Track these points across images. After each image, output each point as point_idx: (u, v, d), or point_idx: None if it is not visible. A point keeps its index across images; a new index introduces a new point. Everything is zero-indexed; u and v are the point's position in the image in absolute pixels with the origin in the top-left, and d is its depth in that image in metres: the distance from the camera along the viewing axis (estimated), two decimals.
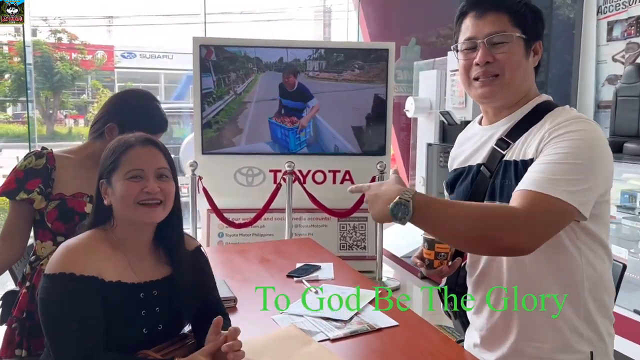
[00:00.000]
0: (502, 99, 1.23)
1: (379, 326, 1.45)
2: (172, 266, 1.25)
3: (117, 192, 1.17)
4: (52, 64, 11.39)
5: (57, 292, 1.10)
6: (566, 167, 1.04)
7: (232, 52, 3.99)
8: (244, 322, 1.46)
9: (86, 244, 1.17)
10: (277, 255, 2.14)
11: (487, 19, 1.19)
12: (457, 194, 1.32)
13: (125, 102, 1.69)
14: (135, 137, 1.22)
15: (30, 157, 1.59)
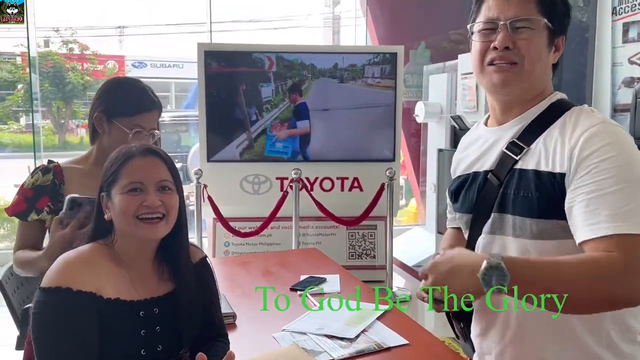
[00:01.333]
0: (518, 90, 1.10)
1: (387, 345, 1.35)
2: (176, 282, 1.17)
3: (116, 207, 1.10)
4: (63, 74, 11.50)
5: (52, 307, 1.03)
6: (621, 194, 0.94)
7: (290, 60, 3.96)
8: (243, 340, 1.39)
9: (85, 257, 1.09)
10: (281, 267, 2.05)
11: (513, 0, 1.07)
12: (462, 204, 1.20)
13: (104, 89, 1.61)
14: (136, 147, 1.15)
15: (37, 174, 1.52)
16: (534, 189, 1.03)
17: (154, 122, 1.59)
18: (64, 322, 1.02)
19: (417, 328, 1.48)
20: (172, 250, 1.18)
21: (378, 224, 4.14)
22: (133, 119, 1.54)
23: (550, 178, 1.02)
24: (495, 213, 1.10)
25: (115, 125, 1.54)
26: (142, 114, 1.55)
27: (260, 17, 12.98)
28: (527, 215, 1.04)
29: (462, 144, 1.30)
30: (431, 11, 5.71)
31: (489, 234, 1.12)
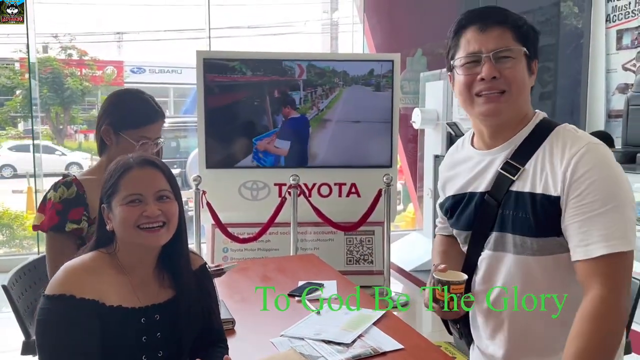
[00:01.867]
0: (506, 117, 1.17)
1: (383, 350, 1.38)
2: (176, 289, 1.20)
3: (117, 218, 1.13)
4: (62, 79, 11.53)
5: (56, 314, 1.06)
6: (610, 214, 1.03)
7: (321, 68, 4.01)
8: (241, 345, 1.42)
9: (88, 265, 1.13)
10: (279, 273, 2.08)
11: (491, 33, 1.14)
12: (459, 222, 1.27)
13: (109, 103, 1.66)
14: (133, 159, 1.18)
15: (60, 188, 1.56)
16: (530, 211, 1.11)
17: (159, 131, 1.65)
18: (67, 328, 1.05)
19: (413, 333, 1.51)
20: (172, 257, 1.21)
21: (375, 229, 4.18)
22: (139, 130, 1.60)
23: (545, 200, 1.10)
24: (496, 232, 1.17)
25: (122, 137, 1.60)
26: (148, 126, 1.61)
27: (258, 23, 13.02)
28: (527, 235, 1.12)
29: (448, 162, 1.35)
30: (427, 18, 5.77)
31: (493, 251, 1.19)
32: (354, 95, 4.07)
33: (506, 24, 1.15)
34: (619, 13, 5.22)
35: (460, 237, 1.29)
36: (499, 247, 1.18)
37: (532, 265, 1.13)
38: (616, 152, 2.92)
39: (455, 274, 1.21)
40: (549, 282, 1.13)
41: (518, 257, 1.15)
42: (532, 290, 1.16)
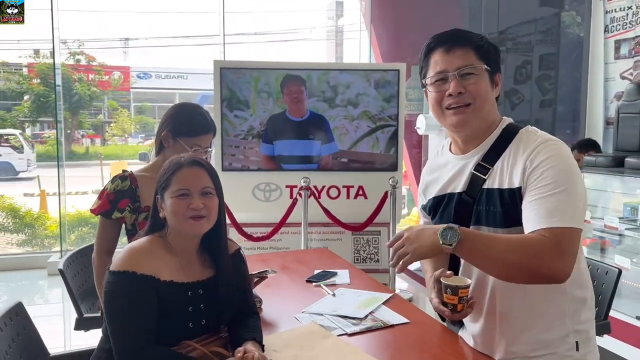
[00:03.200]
0: (473, 126, 1.33)
1: (391, 323, 1.60)
2: (216, 269, 1.42)
3: (168, 208, 1.35)
4: (70, 85, 11.73)
5: (120, 287, 1.27)
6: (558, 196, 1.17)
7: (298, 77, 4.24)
8: (269, 320, 1.64)
9: (146, 247, 1.35)
10: (297, 263, 2.30)
11: (455, 53, 1.30)
12: (441, 220, 1.42)
13: (172, 113, 1.92)
14: (185, 159, 1.40)
15: (117, 181, 1.83)
16: (499, 205, 1.28)
17: (209, 141, 1.92)
18: (130, 299, 1.27)
19: (417, 311, 1.73)
20: (213, 242, 1.43)
21: (382, 229, 4.38)
22: (193, 139, 1.86)
23: (511, 194, 1.26)
24: (473, 226, 1.33)
25: (179, 143, 1.86)
26: (201, 136, 1.87)
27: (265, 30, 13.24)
28: (498, 226, 1.29)
29: (430, 167, 1.53)
30: (432, 27, 5.96)
31: None
32: (363, 102, 4.29)
33: (468, 44, 1.31)
34: (617, 24, 5.40)
35: None
36: None
37: None
38: (606, 156, 3.12)
39: (460, 279, 1.34)
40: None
41: None
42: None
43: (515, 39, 6.02)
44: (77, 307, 1.79)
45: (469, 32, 1.35)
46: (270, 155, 4.28)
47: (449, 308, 1.34)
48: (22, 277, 4.95)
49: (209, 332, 1.39)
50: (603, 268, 1.95)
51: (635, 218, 2.95)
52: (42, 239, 5.98)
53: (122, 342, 1.24)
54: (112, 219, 1.79)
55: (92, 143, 14.49)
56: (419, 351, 1.45)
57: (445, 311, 1.34)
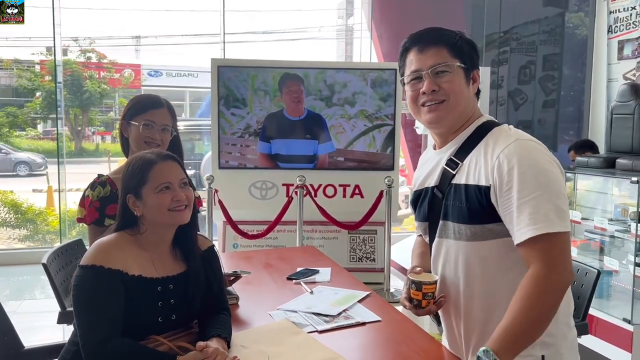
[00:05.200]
0: (448, 122, 1.35)
1: (363, 321, 1.61)
2: (187, 264, 1.44)
3: (150, 204, 1.36)
4: (81, 82, 11.83)
5: (88, 281, 1.30)
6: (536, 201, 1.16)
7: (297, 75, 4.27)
8: (244, 317, 1.66)
9: (115, 242, 1.37)
10: (280, 260, 2.32)
11: (428, 52, 1.32)
12: (419, 215, 1.45)
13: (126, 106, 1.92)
14: (154, 154, 1.42)
15: (97, 188, 1.81)
16: (464, 200, 1.28)
17: (165, 119, 1.87)
18: (97, 292, 1.29)
19: (391, 309, 1.74)
20: (185, 237, 1.45)
21: (378, 229, 4.39)
22: (144, 115, 1.85)
23: (476, 190, 1.25)
24: (441, 221, 1.34)
25: (132, 124, 1.85)
26: (151, 111, 1.85)
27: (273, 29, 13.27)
28: (462, 222, 1.29)
29: (419, 164, 1.55)
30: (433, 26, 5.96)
31: (438, 237, 1.37)
32: (360, 101, 4.30)
33: (441, 43, 1.32)
34: (621, 24, 5.37)
35: (421, 228, 1.46)
36: (442, 234, 1.35)
37: (468, 251, 1.29)
38: (597, 157, 3.10)
39: (428, 276, 1.36)
40: (484, 267, 1.27)
41: (457, 243, 1.31)
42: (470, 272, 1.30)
43: (519, 39, 5.99)
44: (60, 301, 1.82)
45: (443, 30, 1.36)
46: (267, 153, 4.31)
47: (414, 304, 1.35)
48: (24, 271, 5.02)
49: (179, 327, 1.41)
50: (583, 269, 1.94)
51: (625, 219, 2.94)
52: (44, 235, 6.06)
53: (87, 335, 1.27)
54: (105, 226, 1.76)
55: (103, 140, 14.61)
56: (385, 349, 1.46)
57: (408, 305, 1.36)
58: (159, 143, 1.83)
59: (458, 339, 1.40)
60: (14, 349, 1.50)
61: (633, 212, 2.79)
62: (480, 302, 1.32)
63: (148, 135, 1.82)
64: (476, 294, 1.31)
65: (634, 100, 2.89)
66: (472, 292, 1.32)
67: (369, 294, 1.85)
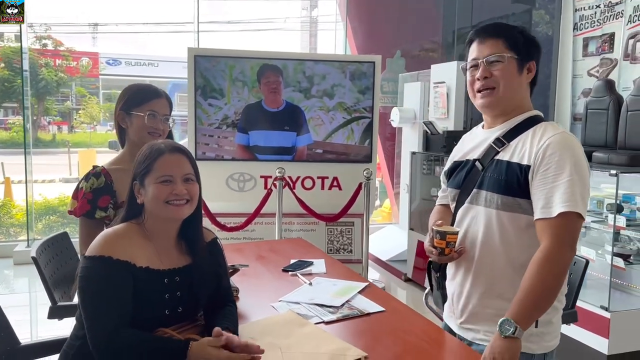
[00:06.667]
0: (498, 108, 1.49)
1: (367, 311, 1.62)
2: (192, 256, 1.41)
3: (150, 194, 1.34)
4: (37, 70, 11.40)
5: (95, 272, 1.26)
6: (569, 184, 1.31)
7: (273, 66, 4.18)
8: (246, 308, 1.64)
9: (122, 233, 1.33)
10: (272, 253, 2.30)
11: (486, 43, 1.48)
12: (453, 181, 1.59)
13: (120, 95, 1.86)
14: (165, 145, 1.39)
15: (91, 179, 1.75)
16: (504, 174, 1.43)
17: (165, 109, 1.84)
18: (105, 283, 1.25)
19: (393, 299, 1.76)
20: (190, 230, 1.42)
21: (355, 220, 4.42)
22: (146, 105, 1.80)
23: (517, 167, 1.40)
24: (475, 189, 1.49)
25: (133, 115, 1.80)
26: (153, 101, 1.81)
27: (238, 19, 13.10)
28: (495, 191, 1.43)
29: (462, 140, 1.69)
30: (406, 21, 6.03)
31: (468, 203, 1.51)
32: (338, 93, 4.30)
33: (498, 35, 1.47)
34: (586, 22, 5.54)
35: (451, 195, 1.60)
36: (473, 201, 1.49)
37: (494, 218, 1.43)
38: None
39: (450, 228, 1.50)
40: (503, 236, 1.42)
41: (486, 210, 1.45)
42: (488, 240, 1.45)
43: None
44: (51, 295, 1.76)
45: (503, 25, 1.51)
46: (245, 145, 4.26)
47: (438, 251, 1.47)
48: None
49: (185, 320, 1.39)
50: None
51: (601, 211, 3.05)
52: (7, 228, 5.82)
53: (96, 326, 1.23)
54: (96, 219, 1.73)
55: (59, 130, 14.11)
56: (394, 338, 1.47)
57: (434, 251, 1.48)
58: (161, 133, 1.79)
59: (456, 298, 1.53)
60: (11, 345, 1.44)
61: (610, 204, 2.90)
62: (490, 268, 1.46)
63: (152, 126, 1.78)
64: (489, 260, 1.46)
65: (608, 96, 3.00)
66: (486, 257, 1.46)
67: (368, 285, 1.86)
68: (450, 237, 1.46)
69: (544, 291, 1.32)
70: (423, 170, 4.50)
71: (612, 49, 4.98)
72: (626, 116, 3.30)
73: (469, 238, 1.49)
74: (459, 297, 1.52)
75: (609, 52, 5.01)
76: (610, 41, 5.09)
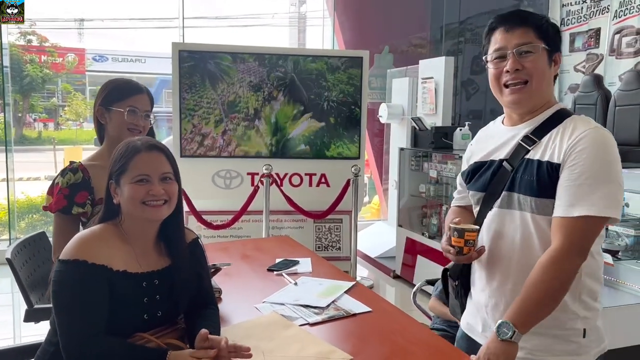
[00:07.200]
0: (529, 104, 1.37)
1: (354, 312, 1.59)
2: (172, 258, 1.36)
3: (125, 194, 1.28)
4: (21, 66, 11.24)
5: (70, 277, 1.20)
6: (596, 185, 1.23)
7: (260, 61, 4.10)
8: (229, 310, 1.59)
9: (98, 235, 1.27)
10: (258, 251, 2.25)
11: (515, 32, 1.33)
12: (476, 184, 1.46)
13: (99, 90, 1.81)
14: (142, 143, 1.32)
15: (68, 174, 1.69)
16: (535, 174, 1.31)
17: (146, 105, 1.78)
18: (80, 289, 1.19)
19: (380, 299, 1.72)
20: (169, 231, 1.37)
21: (343, 217, 4.39)
22: (126, 101, 1.74)
23: (548, 167, 1.30)
24: (505, 192, 1.37)
25: (113, 110, 1.74)
26: (134, 96, 1.75)
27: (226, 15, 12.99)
28: (529, 194, 1.32)
29: (478, 138, 1.56)
30: (394, 17, 5.99)
31: (499, 207, 1.39)
32: (326, 88, 4.26)
33: (527, 24, 1.33)
34: (572, 17, 5.53)
35: (475, 198, 1.47)
36: (504, 205, 1.37)
37: (530, 222, 1.32)
38: None
39: (468, 225, 1.39)
40: (542, 239, 1.31)
41: (521, 214, 1.34)
42: (527, 244, 1.34)
43: (473, 29, 6.09)
44: (27, 298, 1.70)
45: (530, 13, 1.37)
46: None
47: (455, 250, 1.36)
48: None
49: (165, 324, 1.34)
50: None
51: None
52: None
53: (69, 334, 1.18)
54: (73, 215, 1.66)
55: (45, 127, 13.92)
56: (381, 340, 1.43)
57: (451, 251, 1.37)
58: (141, 130, 1.73)
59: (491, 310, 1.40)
60: None
61: None
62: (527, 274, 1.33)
63: (132, 122, 1.72)
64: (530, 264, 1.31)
65: (596, 91, 2.99)
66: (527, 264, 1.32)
67: (354, 284, 1.82)
68: (469, 235, 1.35)
69: (548, 296, 1.24)
70: (412, 166, 4.47)
71: (598, 44, 4.99)
72: (614, 111, 3.30)
73: (504, 244, 1.38)
74: (495, 308, 1.39)
75: (595, 47, 5.01)
76: (596, 36, 5.09)
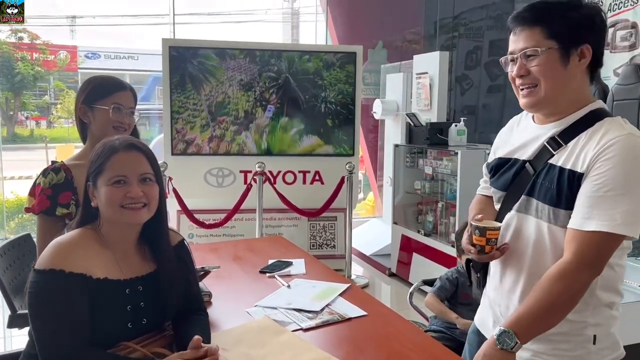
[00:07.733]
0: (544, 107, 1.30)
1: (348, 316, 1.53)
2: (157, 263, 1.29)
3: (102, 197, 1.21)
4: (12, 64, 11.12)
5: (46, 288, 1.13)
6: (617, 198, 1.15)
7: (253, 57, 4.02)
8: (219, 315, 1.54)
9: (76, 241, 1.20)
10: (250, 252, 2.20)
11: (521, 35, 1.27)
12: (498, 182, 1.40)
13: (80, 88, 1.74)
14: (120, 142, 1.25)
15: (50, 174, 1.62)
16: (555, 182, 1.23)
17: (131, 102, 1.72)
18: (58, 301, 1.12)
19: (375, 302, 1.67)
20: (153, 234, 1.30)
21: (338, 215, 4.34)
22: (110, 98, 1.67)
23: (570, 175, 1.21)
24: (524, 196, 1.30)
25: (97, 108, 1.67)
26: (118, 93, 1.69)
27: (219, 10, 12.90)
28: (547, 203, 1.25)
29: (508, 128, 1.48)
30: (388, 12, 5.93)
31: (517, 211, 1.33)
32: (320, 85, 4.20)
33: (535, 23, 1.25)
34: None
35: (496, 196, 1.42)
36: (522, 209, 1.31)
37: (546, 232, 1.26)
38: None
39: (491, 223, 1.33)
40: (555, 252, 1.24)
41: (537, 221, 1.28)
42: (539, 253, 1.28)
43: (467, 24, 6.03)
44: (10, 303, 1.63)
45: (543, 8, 1.27)
46: None
47: (477, 249, 1.31)
48: None
49: (151, 332, 1.28)
50: None
51: None
52: None
53: (48, 348, 1.11)
54: (57, 216, 1.60)
55: (37, 125, 13.81)
56: (377, 345, 1.38)
57: (472, 250, 1.32)
58: (127, 127, 1.67)
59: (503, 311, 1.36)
60: None
61: None
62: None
63: (117, 120, 1.66)
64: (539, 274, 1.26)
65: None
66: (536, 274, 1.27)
67: (349, 286, 1.77)
68: (491, 234, 1.29)
69: (553, 311, 1.19)
70: (406, 163, 4.42)
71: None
72: (612, 105, 3.25)
73: (519, 248, 1.32)
74: (506, 309, 1.35)
75: None
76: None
